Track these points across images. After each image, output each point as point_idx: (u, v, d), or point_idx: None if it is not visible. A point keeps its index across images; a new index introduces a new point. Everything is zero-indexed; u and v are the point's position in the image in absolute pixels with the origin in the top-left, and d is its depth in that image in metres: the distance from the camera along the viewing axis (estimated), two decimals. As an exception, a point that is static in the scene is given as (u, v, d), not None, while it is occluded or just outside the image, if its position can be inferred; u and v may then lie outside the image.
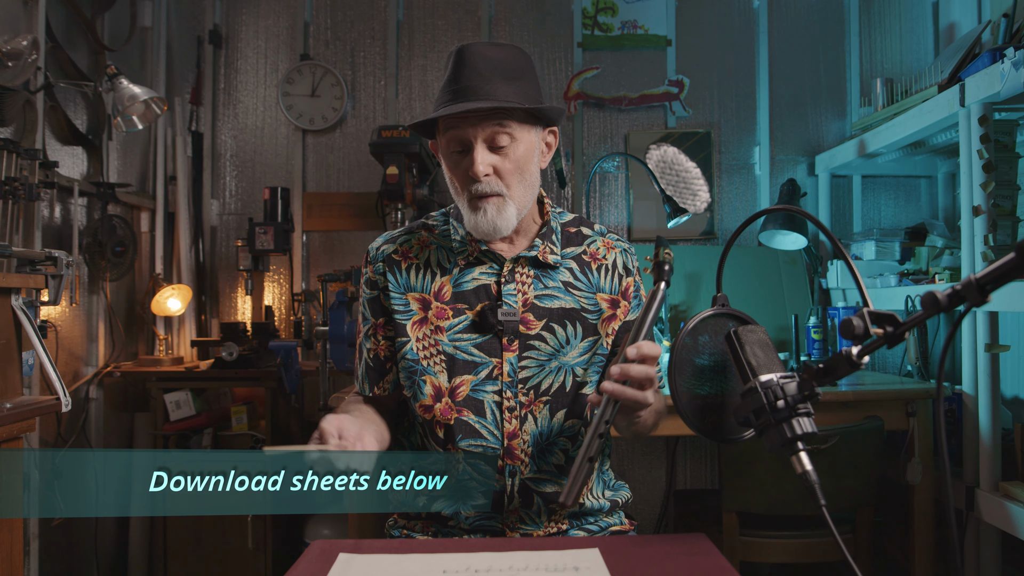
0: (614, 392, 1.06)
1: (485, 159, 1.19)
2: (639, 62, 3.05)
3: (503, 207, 1.21)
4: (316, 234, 3.08)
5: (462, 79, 1.19)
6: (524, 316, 1.26)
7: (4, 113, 2.03)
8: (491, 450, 1.24)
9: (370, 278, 1.33)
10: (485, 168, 1.19)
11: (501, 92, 1.18)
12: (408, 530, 1.31)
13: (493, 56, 1.20)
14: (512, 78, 1.20)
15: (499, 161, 1.21)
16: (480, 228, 1.22)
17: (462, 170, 1.22)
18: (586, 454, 1.07)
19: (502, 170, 1.21)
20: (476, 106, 1.16)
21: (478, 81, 1.18)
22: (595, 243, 1.36)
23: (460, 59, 1.20)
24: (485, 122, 1.18)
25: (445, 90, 1.21)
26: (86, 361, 2.62)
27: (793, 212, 2.75)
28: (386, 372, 1.33)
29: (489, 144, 1.20)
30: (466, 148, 1.21)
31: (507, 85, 1.19)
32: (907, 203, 3.02)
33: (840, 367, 0.79)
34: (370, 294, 1.32)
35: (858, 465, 1.95)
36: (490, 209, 1.21)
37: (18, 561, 1.60)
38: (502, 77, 1.19)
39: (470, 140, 1.20)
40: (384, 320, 1.31)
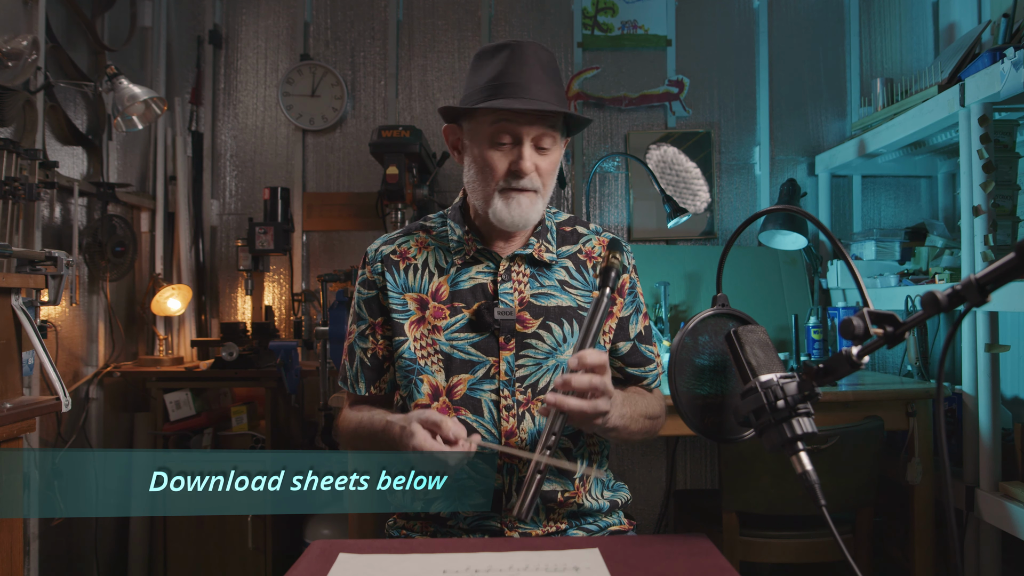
0: (555, 403, 1.06)
1: (532, 157, 1.23)
2: (639, 62, 3.05)
3: (535, 202, 1.25)
4: (316, 234, 3.08)
5: (520, 76, 1.21)
6: (520, 314, 1.27)
7: (4, 113, 2.03)
8: (488, 449, 1.24)
9: (368, 278, 1.33)
10: (531, 166, 1.23)
11: (553, 97, 1.22)
12: (408, 530, 1.31)
13: (545, 59, 1.24)
14: (558, 84, 1.25)
15: (541, 160, 1.24)
16: (509, 218, 1.24)
17: (504, 161, 1.23)
18: (535, 468, 1.06)
19: (542, 169, 1.25)
20: (549, 108, 1.19)
21: (534, 81, 1.21)
22: (590, 241, 1.37)
23: (518, 54, 1.22)
24: (539, 123, 1.22)
25: (498, 82, 1.21)
26: (86, 361, 2.62)
27: (793, 212, 2.75)
28: (383, 372, 1.33)
29: (536, 143, 1.23)
30: (514, 142, 1.23)
31: (556, 89, 1.24)
32: (907, 203, 3.02)
33: (840, 367, 0.79)
34: (368, 294, 1.33)
35: (858, 465, 1.95)
36: (524, 201, 1.24)
37: (18, 561, 1.60)
38: (552, 81, 1.23)
39: (521, 136, 1.22)
40: (383, 320, 1.31)
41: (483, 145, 1.24)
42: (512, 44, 1.23)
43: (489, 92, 1.21)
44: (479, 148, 1.25)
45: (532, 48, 1.23)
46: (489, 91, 1.21)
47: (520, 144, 1.22)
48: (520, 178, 1.22)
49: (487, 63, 1.24)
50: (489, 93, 1.21)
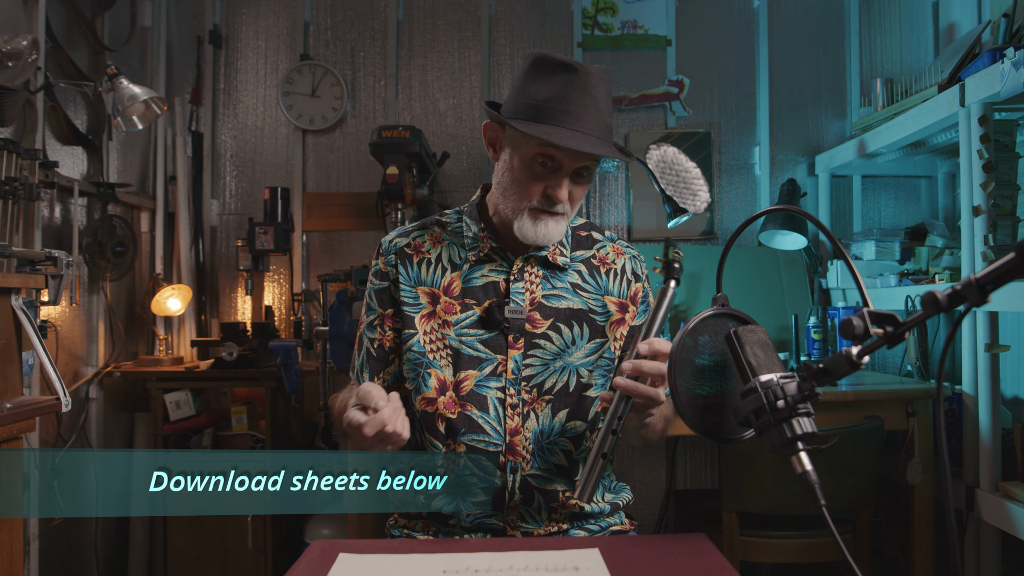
0: (627, 388, 1.08)
1: (568, 186, 1.23)
2: (639, 62, 3.05)
3: (561, 223, 1.26)
4: (316, 234, 3.08)
5: (578, 105, 1.18)
6: (531, 315, 1.28)
7: (4, 113, 2.03)
8: (493, 446, 1.25)
9: (380, 269, 1.34)
10: (566, 194, 1.23)
11: (604, 131, 1.21)
12: (409, 529, 1.31)
13: (604, 90, 1.21)
14: (610, 115, 1.24)
15: (575, 189, 1.24)
16: (534, 237, 1.24)
17: (539, 183, 1.22)
18: (599, 450, 1.09)
19: (574, 196, 1.25)
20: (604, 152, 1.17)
21: (592, 113, 1.19)
22: (605, 248, 1.38)
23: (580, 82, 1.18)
24: (584, 157, 1.20)
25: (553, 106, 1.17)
26: (86, 361, 2.62)
27: (793, 212, 2.75)
28: (388, 363, 1.33)
29: (575, 173, 1.23)
30: (554, 167, 1.21)
31: (608, 123, 1.22)
32: (907, 203, 3.02)
33: (840, 367, 0.79)
34: (380, 285, 1.33)
35: (858, 465, 1.95)
36: (551, 224, 1.24)
37: (18, 561, 1.60)
38: (607, 114, 1.22)
39: (563, 166, 1.21)
40: (392, 311, 1.32)
41: (522, 162, 1.23)
42: (578, 69, 1.18)
43: (542, 114, 1.18)
44: (518, 161, 1.23)
45: (595, 79, 1.19)
46: (542, 113, 1.18)
47: (559, 172, 1.21)
48: (554, 204, 1.22)
49: (547, 79, 1.19)
50: (542, 115, 1.18)
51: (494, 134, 1.29)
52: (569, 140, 1.15)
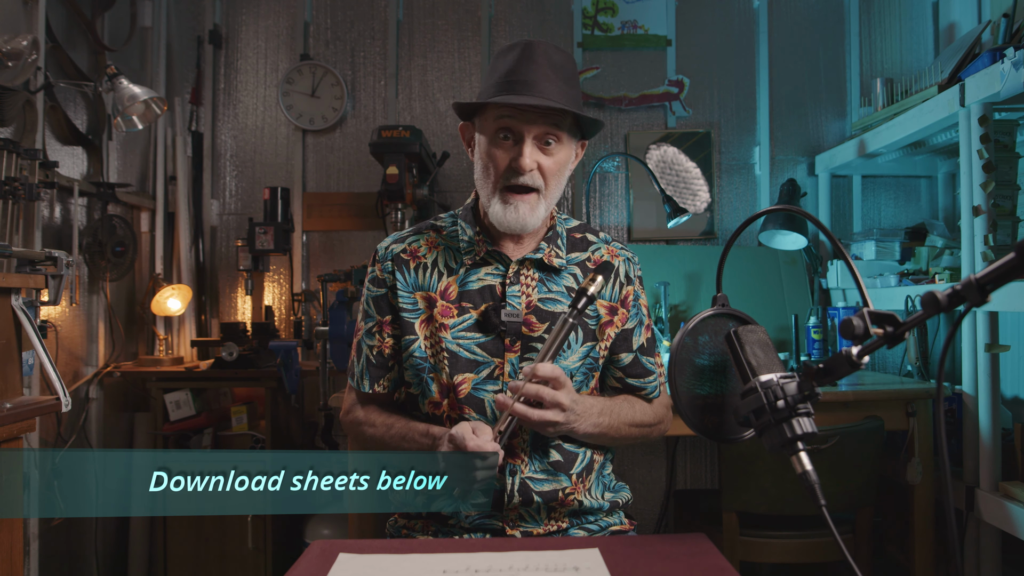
0: (503, 404, 1.13)
1: (533, 154, 1.22)
2: (639, 62, 3.05)
3: (536, 205, 1.25)
4: (316, 234, 3.08)
5: (528, 72, 1.21)
6: (527, 318, 1.28)
7: (4, 113, 2.03)
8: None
9: (377, 276, 1.34)
10: (531, 163, 1.22)
11: (561, 95, 1.21)
12: (408, 529, 1.31)
13: (557, 59, 1.23)
14: (570, 84, 1.24)
15: (544, 159, 1.24)
16: (507, 222, 1.24)
17: (504, 157, 1.23)
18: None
19: (545, 168, 1.24)
20: (547, 103, 1.18)
21: (542, 79, 1.20)
22: (599, 250, 1.38)
23: (528, 52, 1.22)
24: (542, 120, 1.21)
25: (506, 79, 1.22)
26: (86, 361, 2.62)
27: (793, 212, 2.75)
28: (388, 370, 1.34)
29: (539, 141, 1.23)
30: (516, 139, 1.23)
31: (567, 90, 1.22)
32: (907, 203, 3.02)
33: (840, 367, 0.79)
34: (377, 292, 1.33)
35: (858, 465, 1.95)
36: (522, 207, 1.24)
37: (18, 561, 1.60)
38: (563, 81, 1.22)
39: (523, 133, 1.22)
40: (391, 318, 1.32)
41: (487, 141, 1.25)
42: (524, 42, 1.24)
43: (497, 89, 1.22)
44: (484, 144, 1.26)
45: (544, 47, 1.23)
46: (497, 88, 1.22)
47: (521, 141, 1.22)
48: (520, 175, 1.22)
49: (501, 61, 1.24)
50: (497, 90, 1.22)
51: (469, 134, 1.32)
52: (513, 99, 1.18)
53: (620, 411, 1.28)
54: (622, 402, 1.32)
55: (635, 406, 1.33)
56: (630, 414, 1.30)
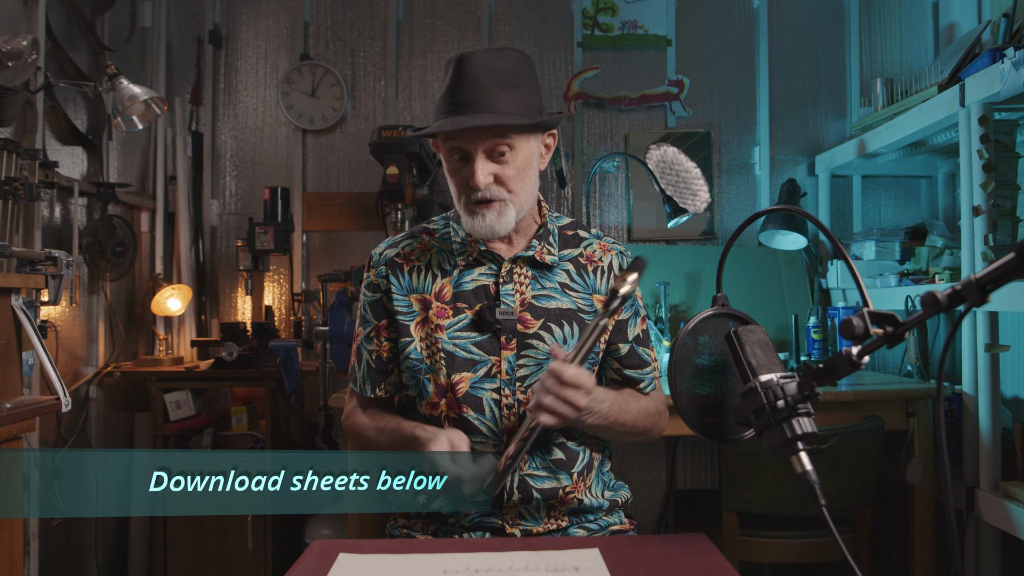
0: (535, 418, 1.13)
1: (486, 169, 1.22)
2: (639, 62, 3.05)
3: (504, 211, 1.24)
4: (316, 234, 3.08)
5: (462, 90, 1.19)
6: (522, 315, 1.28)
7: (4, 113, 2.03)
8: (491, 447, 1.25)
9: (372, 281, 1.34)
10: (486, 178, 1.21)
11: (501, 103, 1.19)
12: (409, 529, 1.31)
13: (493, 64, 1.20)
14: (512, 86, 1.21)
15: (500, 169, 1.23)
16: (477, 231, 1.25)
17: (463, 177, 1.24)
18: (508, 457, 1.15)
19: (503, 176, 1.23)
20: (475, 123, 1.17)
21: (478, 92, 1.19)
22: (591, 245, 1.38)
23: (459, 68, 1.20)
24: (485, 134, 1.20)
25: (445, 100, 1.21)
26: (86, 361, 2.62)
27: (793, 212, 2.75)
28: (388, 374, 1.35)
29: (489, 154, 1.22)
30: (466, 157, 1.23)
31: (507, 95, 1.20)
32: (907, 203, 3.02)
33: (840, 367, 0.79)
34: (372, 297, 1.34)
35: (858, 465, 1.95)
36: (489, 215, 1.23)
37: (18, 561, 1.60)
38: (502, 86, 1.20)
39: (470, 152, 1.21)
40: (387, 322, 1.33)
41: (446, 164, 1.27)
42: (457, 57, 1.20)
43: (440, 112, 1.22)
44: (445, 165, 1.28)
45: (478, 57, 1.20)
46: (440, 111, 1.22)
47: (471, 159, 1.22)
48: (476, 191, 1.22)
49: (444, 79, 1.24)
50: (439, 113, 1.22)
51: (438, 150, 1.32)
52: (443, 126, 1.19)
53: (626, 404, 1.28)
54: (628, 396, 1.32)
55: (639, 399, 1.34)
56: (635, 406, 1.30)
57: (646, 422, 1.32)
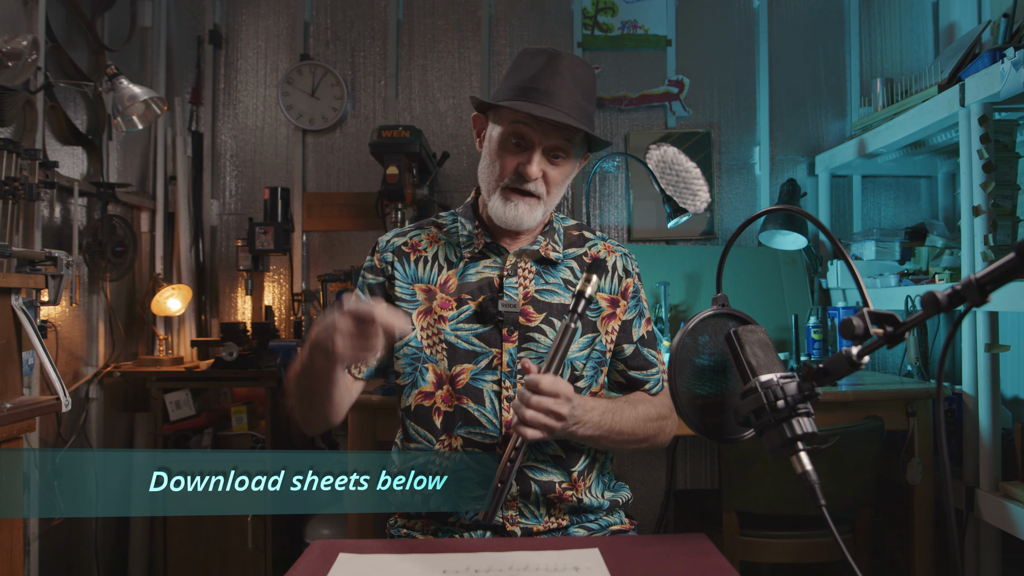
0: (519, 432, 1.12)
1: (541, 164, 1.25)
2: (639, 62, 3.05)
3: (535, 208, 1.27)
4: (316, 234, 3.08)
5: (551, 83, 1.22)
6: (524, 308, 1.29)
7: (4, 113, 2.03)
8: (490, 438, 1.26)
9: (375, 265, 1.36)
10: (538, 172, 1.24)
11: (577, 111, 1.23)
12: (409, 529, 1.31)
13: (580, 74, 1.25)
14: (587, 100, 1.26)
15: (551, 169, 1.26)
16: (507, 217, 1.27)
17: (513, 161, 1.26)
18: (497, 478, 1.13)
19: (550, 177, 1.26)
20: (566, 120, 1.19)
21: (564, 92, 1.22)
22: (596, 246, 1.40)
23: (554, 63, 1.23)
24: (555, 133, 1.23)
25: (528, 85, 1.23)
26: (86, 361, 2.62)
27: (793, 212, 2.74)
28: None
29: (548, 152, 1.25)
30: (526, 146, 1.25)
31: (584, 106, 1.24)
32: (907, 203, 3.02)
33: (840, 367, 0.78)
34: (373, 280, 1.35)
35: (858, 465, 1.95)
36: (522, 205, 1.26)
37: (18, 561, 1.60)
38: (582, 96, 1.24)
39: (534, 142, 1.24)
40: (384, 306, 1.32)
41: (498, 141, 1.27)
42: (551, 52, 1.24)
43: (517, 93, 1.23)
44: (495, 142, 1.28)
45: (570, 59, 1.24)
46: (517, 92, 1.23)
47: (531, 149, 1.24)
48: (525, 181, 1.24)
49: (525, 64, 1.25)
50: (516, 94, 1.23)
51: (481, 125, 1.34)
52: (534, 109, 1.19)
53: (621, 411, 1.27)
54: (624, 403, 1.31)
55: (638, 406, 1.32)
56: (632, 413, 1.29)
57: (647, 428, 1.31)
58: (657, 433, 1.33)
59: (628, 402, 1.33)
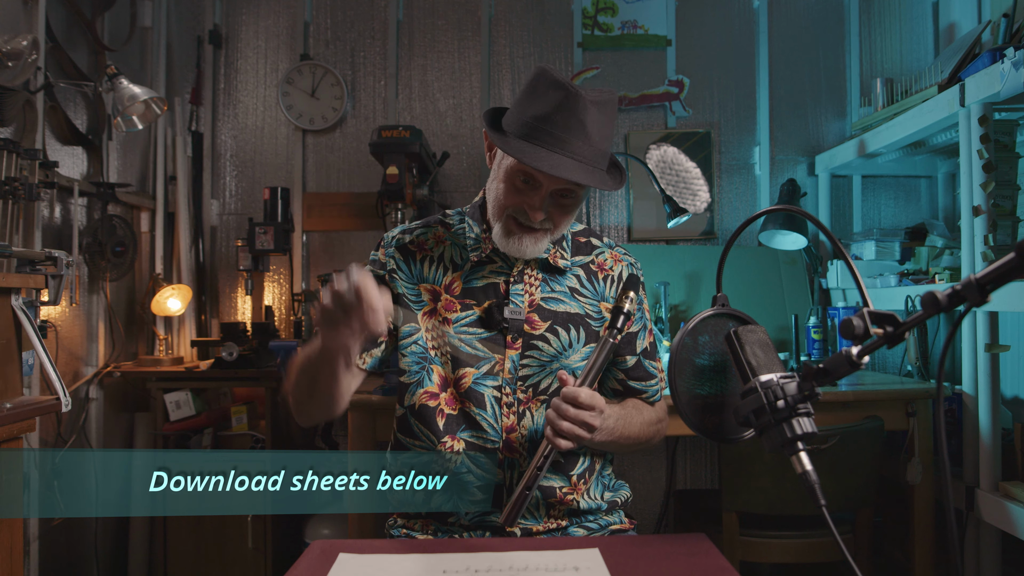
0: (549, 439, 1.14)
1: (548, 205, 1.21)
2: (639, 62, 3.05)
3: (540, 240, 1.25)
4: (316, 234, 3.08)
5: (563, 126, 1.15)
6: (529, 316, 1.29)
7: (4, 113, 2.03)
8: (491, 443, 1.26)
9: (380, 259, 1.35)
10: (542, 215, 1.21)
11: (592, 156, 1.17)
12: (408, 529, 1.31)
13: (595, 114, 1.16)
14: (603, 138, 1.19)
15: (557, 212, 1.23)
16: (509, 249, 1.25)
17: (519, 200, 1.21)
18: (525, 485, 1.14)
19: (556, 216, 1.23)
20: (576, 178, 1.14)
21: (576, 137, 1.15)
22: (603, 254, 1.39)
23: (570, 104, 1.15)
24: (563, 180, 1.18)
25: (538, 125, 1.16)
26: (86, 361, 2.62)
27: (793, 212, 2.74)
28: (375, 345, 1.32)
29: (556, 194, 1.21)
30: (533, 187, 1.20)
31: (598, 147, 1.18)
32: (907, 203, 3.02)
33: (840, 367, 0.79)
34: (378, 272, 1.33)
35: (858, 465, 1.95)
36: (527, 240, 1.23)
37: (18, 561, 1.60)
38: (597, 135, 1.17)
39: (542, 184, 1.19)
40: (389, 296, 1.31)
41: (506, 173, 1.23)
42: (569, 89, 1.15)
43: (527, 131, 1.17)
44: (503, 171, 1.24)
45: (587, 101, 1.15)
46: (528, 129, 1.17)
47: (539, 190, 1.20)
48: (528, 220, 1.21)
49: (540, 96, 1.17)
50: (526, 130, 1.17)
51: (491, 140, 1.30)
52: (542, 163, 1.13)
53: (631, 417, 1.30)
54: (631, 408, 1.33)
55: (643, 411, 1.35)
56: (639, 419, 1.32)
57: (648, 432, 1.34)
58: (654, 436, 1.36)
59: (633, 407, 1.34)
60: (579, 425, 1.12)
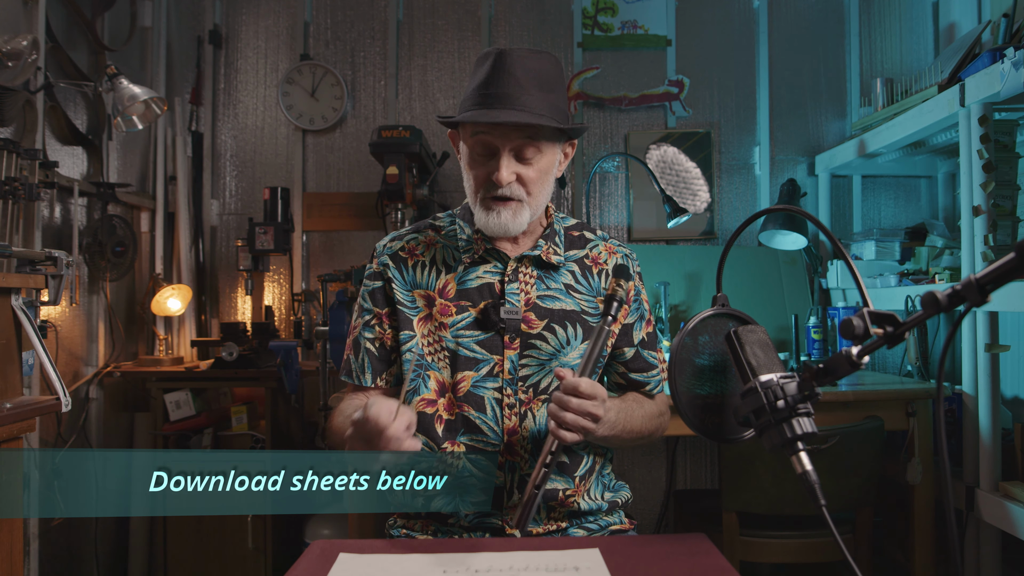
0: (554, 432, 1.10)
1: (511, 167, 1.21)
2: (639, 62, 3.05)
3: (519, 211, 1.24)
4: (316, 234, 3.08)
5: (500, 84, 1.18)
6: (526, 315, 1.28)
7: (4, 113, 2.03)
8: (491, 446, 1.25)
9: (375, 270, 1.34)
10: (509, 176, 1.21)
11: (536, 104, 1.19)
12: (408, 529, 1.31)
13: (531, 66, 1.20)
14: (547, 89, 1.21)
15: (524, 170, 1.23)
16: (491, 227, 1.24)
17: (485, 171, 1.23)
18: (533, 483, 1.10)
19: (525, 178, 1.23)
20: (514, 119, 1.16)
21: (515, 90, 1.18)
22: (597, 247, 1.38)
23: (498, 63, 1.19)
24: (516, 133, 1.19)
25: (478, 92, 1.20)
26: (86, 361, 2.62)
27: (793, 212, 2.75)
28: (391, 363, 1.33)
29: (516, 153, 1.22)
30: (492, 153, 1.22)
31: (542, 97, 1.20)
32: (907, 203, 3.02)
33: (840, 367, 0.78)
34: (374, 285, 1.34)
35: (858, 465, 1.95)
36: (505, 212, 1.23)
37: (18, 561, 1.60)
38: (538, 88, 1.20)
39: (498, 147, 1.21)
40: (389, 310, 1.32)
41: (467, 154, 1.26)
42: (496, 52, 1.20)
43: (472, 102, 1.21)
44: (465, 156, 1.27)
45: (517, 55, 1.19)
46: (472, 101, 1.21)
47: (497, 155, 1.21)
48: (498, 187, 1.22)
49: (477, 71, 1.22)
50: (471, 103, 1.21)
51: (455, 140, 1.32)
52: (482, 116, 1.17)
53: (632, 410, 1.28)
54: (632, 402, 1.32)
55: (643, 404, 1.34)
56: (640, 412, 1.31)
57: (650, 425, 1.32)
58: (656, 429, 1.35)
59: (634, 400, 1.34)
60: (583, 415, 1.10)
